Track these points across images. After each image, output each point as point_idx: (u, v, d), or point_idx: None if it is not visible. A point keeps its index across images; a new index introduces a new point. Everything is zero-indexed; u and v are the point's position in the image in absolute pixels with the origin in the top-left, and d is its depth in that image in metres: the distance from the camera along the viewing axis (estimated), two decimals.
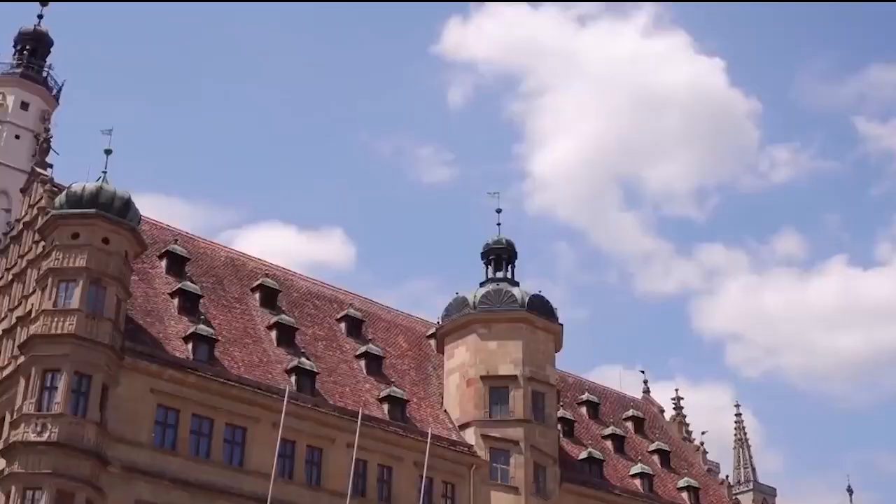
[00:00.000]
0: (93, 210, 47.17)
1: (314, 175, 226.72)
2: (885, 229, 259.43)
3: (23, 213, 55.61)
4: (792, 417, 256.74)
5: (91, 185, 48.09)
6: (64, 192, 48.66)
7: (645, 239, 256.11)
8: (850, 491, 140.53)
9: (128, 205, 48.55)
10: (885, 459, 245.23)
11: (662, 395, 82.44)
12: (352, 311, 62.08)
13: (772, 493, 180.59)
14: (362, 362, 58.98)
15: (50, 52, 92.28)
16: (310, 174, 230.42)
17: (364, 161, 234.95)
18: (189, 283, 53.80)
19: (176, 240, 56.61)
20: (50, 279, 46.29)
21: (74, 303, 45.31)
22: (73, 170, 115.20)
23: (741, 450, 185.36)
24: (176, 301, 52.53)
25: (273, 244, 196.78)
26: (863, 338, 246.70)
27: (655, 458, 72.28)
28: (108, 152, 50.45)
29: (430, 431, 55.57)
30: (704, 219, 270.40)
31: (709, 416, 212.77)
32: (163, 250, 55.06)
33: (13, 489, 42.38)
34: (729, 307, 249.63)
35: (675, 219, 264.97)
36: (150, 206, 50.17)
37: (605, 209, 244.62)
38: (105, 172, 49.54)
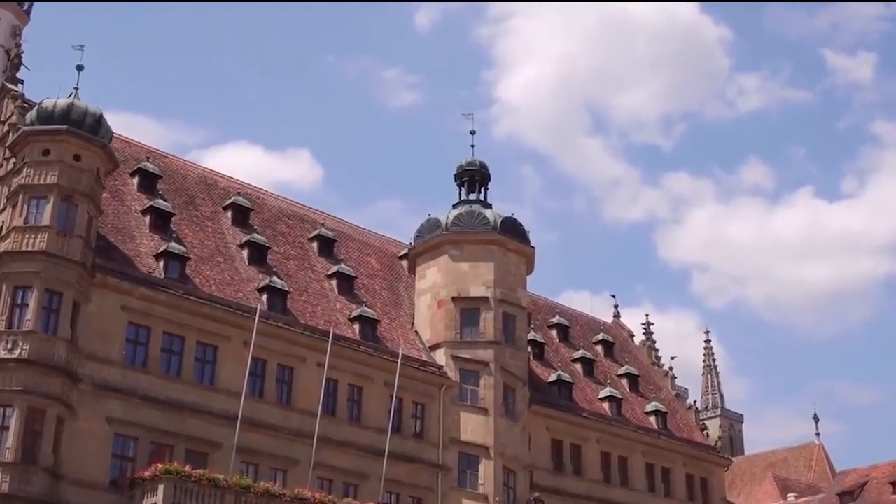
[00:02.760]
0: (64, 126, 46.79)
1: (281, 97, 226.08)
2: (852, 162, 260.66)
3: None
4: (757, 347, 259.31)
5: (62, 102, 47.70)
6: (35, 108, 48.21)
7: (612, 165, 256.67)
8: (816, 419, 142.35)
9: (99, 121, 48.20)
10: (848, 389, 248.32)
11: (629, 322, 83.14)
12: (324, 231, 62.08)
13: (739, 419, 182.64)
14: (334, 282, 59.09)
15: None
16: (277, 96, 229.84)
17: (331, 83, 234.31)
18: (161, 200, 53.63)
19: (148, 157, 56.36)
20: (21, 196, 46.08)
21: (45, 220, 45.12)
22: (45, 86, 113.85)
23: (709, 376, 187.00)
24: (147, 219, 52.39)
25: (240, 164, 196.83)
26: (828, 270, 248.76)
27: (624, 382, 72.89)
28: (79, 68, 50.07)
29: (400, 352, 55.90)
30: (671, 147, 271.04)
31: (675, 343, 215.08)
32: (134, 168, 54.84)
33: None
34: (695, 236, 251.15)
35: (642, 146, 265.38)
36: (119, 125, 49.86)
37: (573, 135, 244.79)
38: (77, 89, 49.15)
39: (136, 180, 54.53)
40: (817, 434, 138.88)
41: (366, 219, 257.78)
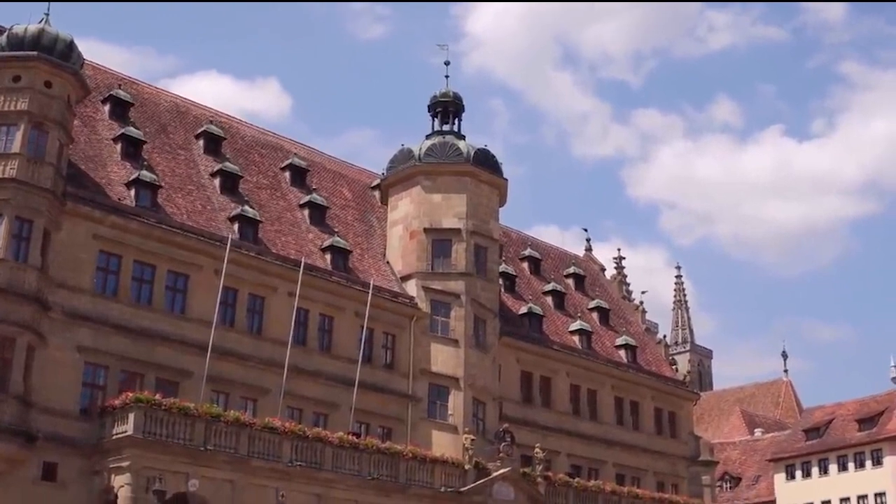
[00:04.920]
0: (34, 52, 46.12)
1: (249, 26, 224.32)
2: (821, 101, 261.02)
3: None
4: (725, 284, 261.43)
5: (33, 28, 47.01)
6: (5, 34, 47.40)
7: (582, 100, 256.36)
8: (784, 356, 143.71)
9: (70, 48, 47.59)
10: (815, 327, 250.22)
11: (598, 256, 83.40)
12: (296, 161, 61.86)
13: (708, 354, 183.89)
14: (306, 212, 59.01)
15: None
16: (245, 25, 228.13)
17: (300, 14, 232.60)
18: (132, 128, 53.26)
19: (119, 85, 55.91)
20: None
21: (15, 147, 44.59)
22: (14, 12, 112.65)
23: (680, 311, 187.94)
24: (119, 147, 52.05)
25: (208, 93, 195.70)
26: (796, 209, 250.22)
27: (595, 315, 73.33)
28: None
29: (371, 282, 55.97)
30: (641, 83, 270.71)
31: (644, 278, 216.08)
32: (106, 95, 54.38)
33: None
34: (663, 173, 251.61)
35: (611, 82, 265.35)
36: (88, 52, 49.23)
37: (542, 68, 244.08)
38: (47, 15, 48.35)
39: (107, 108, 54.09)
40: (785, 371, 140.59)
41: (336, 149, 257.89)
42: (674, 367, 78.16)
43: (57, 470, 43.36)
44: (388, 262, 60.67)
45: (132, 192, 49.78)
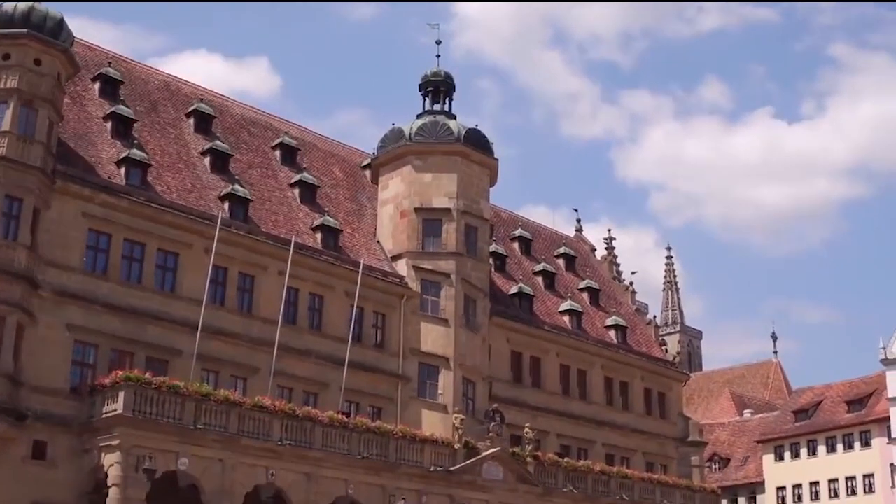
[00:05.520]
0: (24, 30, 45.84)
1: (239, 5, 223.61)
2: (811, 83, 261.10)
3: None
4: (713, 265, 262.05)
5: (22, 5, 46.60)
6: None
7: (571, 80, 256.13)
8: (774, 338, 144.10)
9: (60, 25, 47.32)
10: (803, 308, 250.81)
11: (588, 237, 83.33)
12: (287, 140, 61.75)
13: (697, 336, 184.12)
14: (296, 191, 58.91)
15: None
16: (235, 4, 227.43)
17: None
18: (123, 106, 53.06)
19: (109, 63, 55.64)
20: None
21: (5, 125, 44.35)
22: None
23: (670, 292, 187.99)
24: (109, 125, 51.86)
25: (198, 72, 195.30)
26: (785, 191, 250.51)
27: (585, 295, 73.35)
28: None
29: (362, 261, 55.88)
30: (630, 64, 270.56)
31: (632, 259, 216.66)
32: (96, 73, 54.14)
33: None
34: (652, 155, 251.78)
35: (601, 62, 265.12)
36: (77, 30, 48.99)
37: (532, 48, 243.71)
38: None
39: (97, 86, 53.88)
40: (775, 352, 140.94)
41: (326, 128, 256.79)
42: (664, 347, 78.31)
43: (47, 448, 43.32)
44: (378, 242, 60.62)
45: (122, 171, 49.62)
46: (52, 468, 43.18)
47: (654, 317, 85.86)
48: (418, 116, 63.00)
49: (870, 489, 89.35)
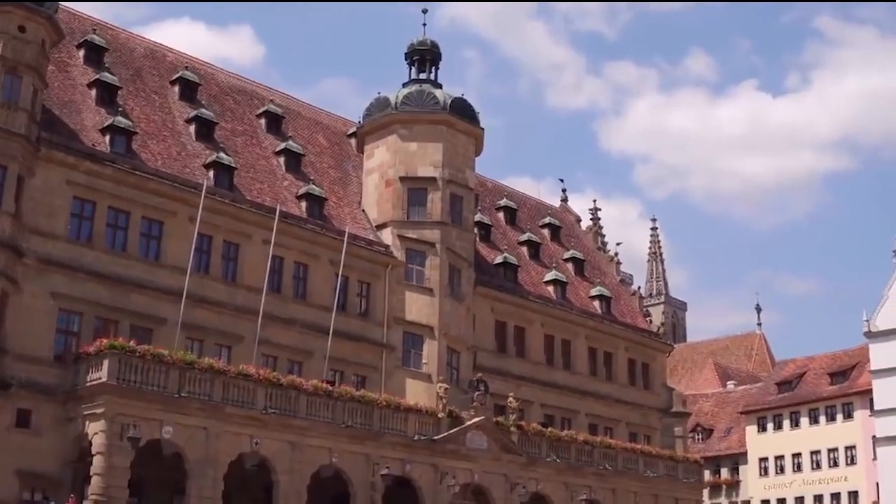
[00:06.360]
0: None
1: None
2: (796, 56, 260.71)
3: None
4: (697, 237, 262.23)
5: None
6: None
7: (556, 50, 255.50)
8: (758, 309, 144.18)
9: None
10: (787, 281, 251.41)
11: (573, 208, 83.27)
12: (272, 108, 61.60)
13: (682, 307, 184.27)
14: (281, 159, 58.81)
15: None
16: None
17: None
18: (107, 74, 52.81)
19: (94, 30, 55.33)
20: None
21: None
22: None
23: (655, 263, 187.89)
24: (93, 92, 51.62)
25: (181, 41, 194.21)
26: (770, 164, 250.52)
27: (570, 266, 73.43)
28: None
29: (347, 230, 55.88)
30: (616, 35, 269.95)
31: (617, 230, 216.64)
32: (80, 40, 53.84)
33: None
34: (637, 126, 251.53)
35: (586, 33, 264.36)
36: None
37: (517, 19, 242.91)
38: None
39: (81, 53, 53.62)
40: (759, 324, 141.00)
41: (310, 98, 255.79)
42: (648, 318, 78.50)
43: (31, 417, 43.33)
44: (363, 211, 60.54)
45: (107, 139, 49.44)
46: (37, 436, 43.17)
47: (639, 287, 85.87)
48: (404, 85, 62.80)
49: (852, 461, 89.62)
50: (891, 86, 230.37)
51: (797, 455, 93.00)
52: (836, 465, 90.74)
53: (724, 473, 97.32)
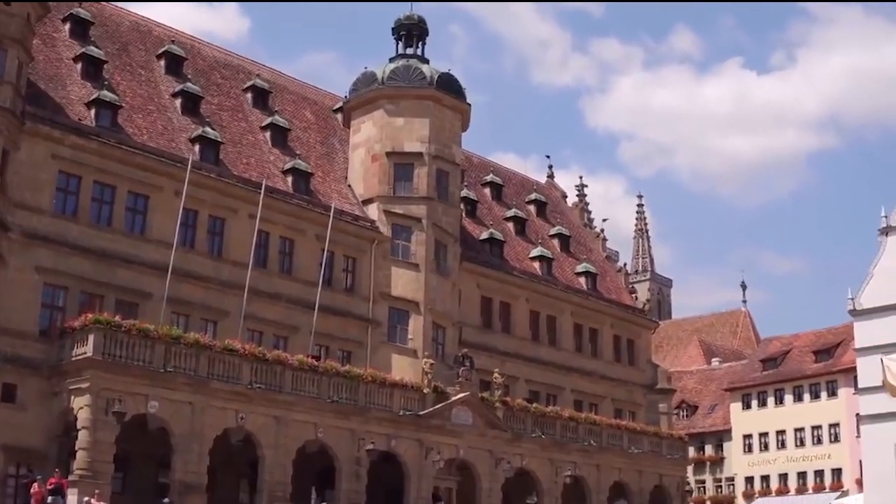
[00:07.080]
0: None
1: None
2: (781, 34, 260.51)
3: None
4: (683, 215, 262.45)
5: None
6: None
7: (541, 26, 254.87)
8: (743, 287, 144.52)
9: None
10: (772, 258, 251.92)
11: (559, 184, 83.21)
12: (259, 82, 61.41)
13: (668, 284, 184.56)
14: (268, 134, 58.71)
15: None
16: None
17: None
18: (93, 47, 52.60)
19: (80, 3, 55.01)
20: None
21: None
22: None
23: (641, 240, 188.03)
24: (79, 66, 51.37)
25: (165, 14, 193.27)
26: (755, 142, 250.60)
27: (555, 242, 73.48)
28: None
29: (333, 205, 55.83)
30: (601, 12, 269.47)
31: (602, 207, 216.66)
32: (66, 14, 53.50)
33: None
34: (622, 104, 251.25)
35: (572, 10, 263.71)
36: None
37: None
38: None
39: (67, 27, 53.31)
40: (744, 301, 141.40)
41: (296, 72, 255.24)
42: (633, 295, 78.59)
43: (16, 391, 43.27)
44: (349, 186, 60.46)
45: (92, 112, 49.23)
46: (22, 411, 43.12)
47: (625, 264, 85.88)
48: (391, 60, 62.65)
49: (835, 438, 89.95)
50: (876, 64, 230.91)
51: (781, 432, 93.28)
52: (819, 442, 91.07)
53: (709, 450, 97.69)
